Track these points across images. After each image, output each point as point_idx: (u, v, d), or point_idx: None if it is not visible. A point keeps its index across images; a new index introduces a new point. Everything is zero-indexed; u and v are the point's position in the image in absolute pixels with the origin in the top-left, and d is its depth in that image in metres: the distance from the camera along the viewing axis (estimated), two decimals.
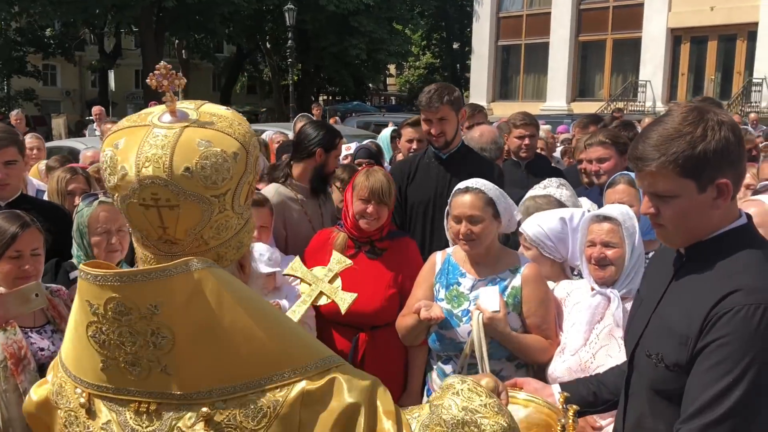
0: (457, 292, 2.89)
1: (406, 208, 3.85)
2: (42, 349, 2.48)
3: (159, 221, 1.25)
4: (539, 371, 2.84)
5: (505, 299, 2.79)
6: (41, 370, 2.38)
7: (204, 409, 1.23)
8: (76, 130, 25.80)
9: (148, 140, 1.24)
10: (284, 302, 3.13)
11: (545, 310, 2.82)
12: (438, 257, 3.05)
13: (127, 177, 1.22)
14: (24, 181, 3.93)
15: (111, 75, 32.33)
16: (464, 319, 2.83)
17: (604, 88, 23.71)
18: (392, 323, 3.15)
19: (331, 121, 14.82)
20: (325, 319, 3.28)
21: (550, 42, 24.10)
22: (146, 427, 1.26)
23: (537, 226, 3.05)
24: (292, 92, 24.02)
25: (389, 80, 51.46)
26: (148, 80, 1.33)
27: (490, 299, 2.77)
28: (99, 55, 35.59)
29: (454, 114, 3.77)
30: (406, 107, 38.26)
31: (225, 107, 1.38)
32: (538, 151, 5.06)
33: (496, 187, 2.91)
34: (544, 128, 7.40)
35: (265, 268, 3.08)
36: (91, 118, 29.25)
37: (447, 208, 2.97)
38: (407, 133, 4.88)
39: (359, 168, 4.84)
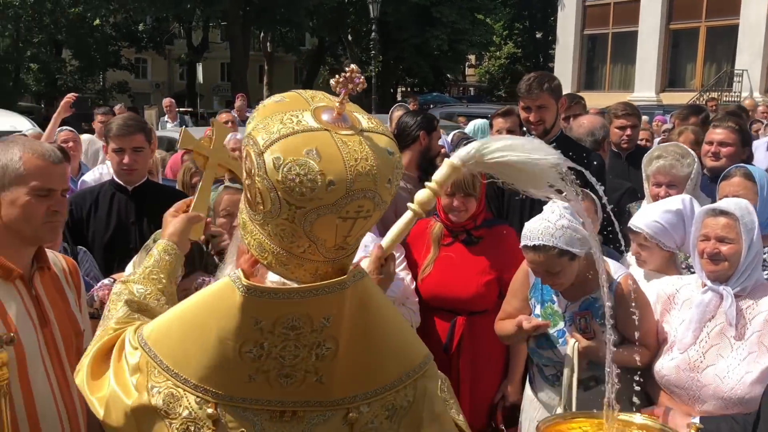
0: (551, 311, 2.87)
1: (503, 197, 3.87)
2: None
3: (347, 231, 1.23)
4: (645, 368, 2.83)
5: (597, 319, 2.72)
6: None
7: (352, 414, 1.27)
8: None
9: (348, 151, 1.20)
10: None
11: (642, 322, 2.71)
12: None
13: (335, 189, 1.17)
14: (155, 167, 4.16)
15: (198, 68, 33.42)
16: (560, 340, 2.81)
17: (696, 77, 22.77)
18: (490, 310, 3.21)
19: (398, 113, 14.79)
20: (427, 304, 3.37)
21: (639, 30, 23.31)
22: None
23: (654, 222, 2.96)
24: (374, 84, 24.19)
25: (468, 71, 51.00)
26: (332, 82, 1.28)
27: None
28: (187, 49, 36.84)
29: (554, 102, 3.76)
30: (487, 98, 37.90)
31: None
32: (642, 142, 4.96)
33: (566, 224, 2.63)
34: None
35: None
36: (180, 110, 30.18)
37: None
38: (497, 123, 4.89)
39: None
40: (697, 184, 3.49)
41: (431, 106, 18.46)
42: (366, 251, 3.27)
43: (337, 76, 1.29)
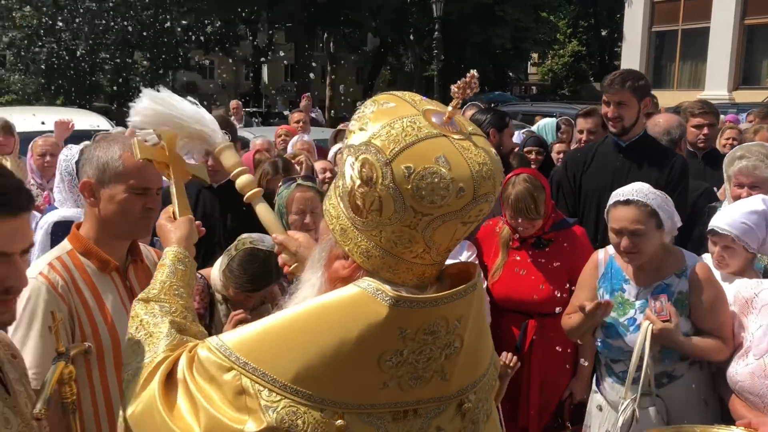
0: (622, 299, 2.83)
1: (580, 195, 3.84)
2: None
3: (463, 235, 1.29)
4: (719, 373, 2.77)
5: (671, 304, 2.70)
6: None
7: (466, 405, 1.33)
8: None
9: (469, 156, 1.22)
10: None
11: (718, 312, 2.70)
12: (600, 257, 2.99)
13: (464, 196, 1.20)
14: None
15: (263, 69, 34.03)
16: (630, 328, 2.77)
17: None
18: (561, 311, 3.19)
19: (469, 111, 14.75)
20: (498, 306, 3.39)
21: (711, 26, 22.54)
22: (407, 431, 1.29)
23: (740, 223, 2.88)
24: (436, 83, 24.15)
25: (530, 69, 50.29)
26: (454, 88, 1.30)
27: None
28: (252, 50, 37.57)
29: (636, 101, 3.67)
30: (550, 96, 37.30)
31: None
32: (728, 141, 4.80)
33: (658, 193, 2.76)
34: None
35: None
36: (246, 110, 30.75)
37: (605, 214, 2.88)
38: (579, 123, 4.87)
39: (529, 156, 4.88)
40: None
41: (493, 105, 18.30)
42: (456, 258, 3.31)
43: (458, 81, 1.29)
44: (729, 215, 2.93)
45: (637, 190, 2.74)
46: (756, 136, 4.13)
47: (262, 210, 1.87)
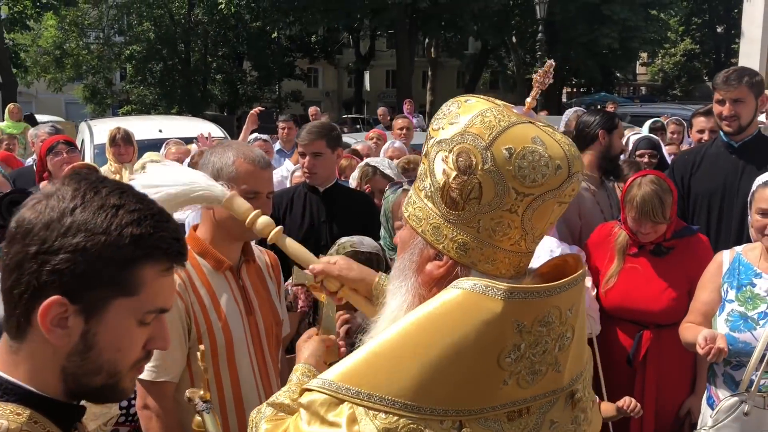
0: (751, 294, 2.70)
1: (689, 199, 3.67)
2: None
3: (556, 217, 1.31)
4: None
5: None
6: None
7: (577, 395, 1.32)
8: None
9: (557, 138, 1.27)
10: None
11: None
12: (725, 257, 2.86)
13: (561, 173, 1.24)
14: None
15: (366, 75, 34.62)
16: (761, 322, 2.63)
17: None
18: (680, 322, 3.04)
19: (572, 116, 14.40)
20: (609, 314, 3.27)
21: None
22: (522, 429, 1.26)
23: None
24: None
25: (639, 69, 48.42)
26: (535, 76, 1.33)
27: None
28: (355, 58, 38.27)
29: (753, 98, 3.49)
30: (660, 97, 35.79)
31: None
32: None
33: None
34: None
35: None
36: (348, 116, 31.35)
37: (749, 198, 2.78)
38: (698, 122, 4.66)
39: (642, 160, 4.70)
40: None
41: (598, 106, 17.77)
42: (551, 255, 3.22)
43: (539, 71, 1.33)
44: None
45: None
46: None
47: (290, 245, 1.91)
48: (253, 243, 2.51)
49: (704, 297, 2.86)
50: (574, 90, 41.73)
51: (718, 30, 39.36)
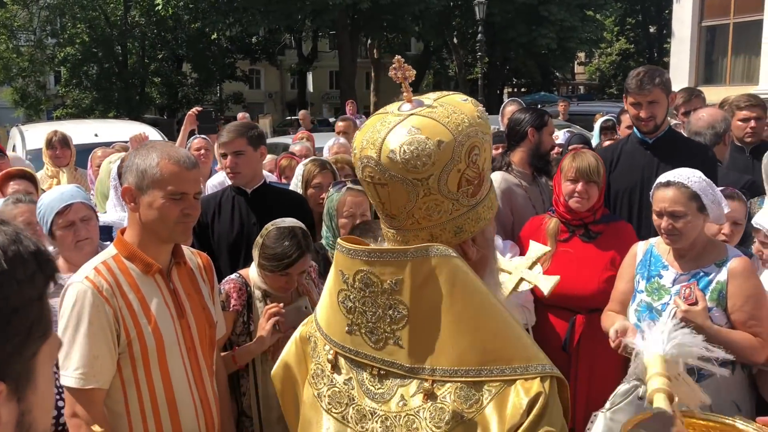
0: (657, 285, 2.81)
1: (610, 195, 3.80)
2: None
3: (377, 197, 1.39)
4: (761, 375, 2.69)
5: (708, 294, 2.67)
6: None
7: (426, 384, 1.31)
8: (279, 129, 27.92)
9: (376, 125, 1.37)
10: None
11: (754, 306, 2.64)
12: (640, 248, 2.99)
13: (355, 156, 1.39)
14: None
15: (309, 77, 34.44)
16: (665, 313, 2.71)
17: None
18: None
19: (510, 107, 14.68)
20: (543, 302, 3.35)
21: (765, 19, 21.87)
22: (378, 389, 1.38)
23: None
24: (480, 86, 24.07)
25: (577, 68, 49.58)
26: (391, 72, 1.46)
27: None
28: (297, 59, 38.07)
29: (665, 97, 3.65)
30: (597, 95, 36.72)
31: (464, 98, 1.43)
32: None
33: (703, 178, 2.74)
34: None
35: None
36: (293, 117, 31.02)
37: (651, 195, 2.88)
38: (626, 119, 4.82)
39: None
40: None
41: (539, 105, 18.15)
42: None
43: (391, 66, 1.47)
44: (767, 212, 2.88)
45: (679, 173, 2.76)
46: None
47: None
48: (184, 245, 2.48)
49: (621, 286, 2.96)
50: (515, 90, 42.47)
51: (651, 30, 40.63)
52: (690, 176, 2.72)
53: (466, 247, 1.39)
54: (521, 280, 2.83)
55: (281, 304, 2.76)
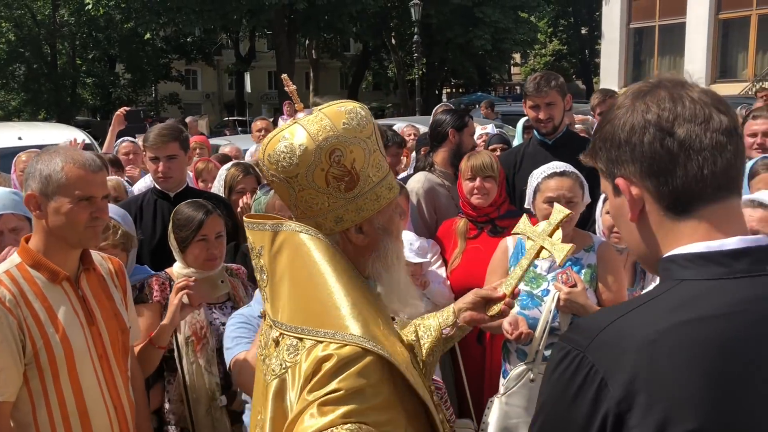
0: (534, 274, 2.96)
1: (515, 196, 3.94)
2: (223, 324, 2.79)
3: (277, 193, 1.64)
4: None
5: (582, 276, 2.87)
6: (221, 347, 2.68)
7: (275, 334, 1.55)
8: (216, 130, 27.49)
9: (275, 132, 1.57)
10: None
11: (618, 284, 2.91)
12: (509, 242, 3.13)
13: (306, 150, 1.52)
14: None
15: (246, 77, 33.96)
16: (545, 298, 2.89)
17: (749, 67, 22.10)
18: None
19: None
20: (455, 297, 3.43)
21: (687, 21, 22.75)
22: (265, 336, 1.62)
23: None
24: (418, 86, 24.26)
25: (514, 69, 50.53)
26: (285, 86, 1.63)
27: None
28: (235, 59, 37.58)
29: (561, 99, 3.89)
30: None
31: (343, 107, 1.58)
32: None
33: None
34: None
35: (414, 258, 3.24)
36: (230, 119, 30.45)
37: (532, 190, 3.04)
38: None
39: (495, 154, 4.94)
40: None
41: (476, 106, 18.41)
42: (418, 253, 3.32)
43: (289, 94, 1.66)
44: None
45: (565, 165, 3.03)
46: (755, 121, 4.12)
47: None
48: (94, 251, 2.45)
49: (494, 280, 3.02)
50: (454, 90, 42.96)
51: (583, 31, 41.68)
52: (573, 167, 2.99)
53: (350, 234, 1.57)
54: (541, 248, 2.88)
55: (192, 278, 2.74)
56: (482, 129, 5.84)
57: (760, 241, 1.09)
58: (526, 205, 3.22)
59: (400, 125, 7.83)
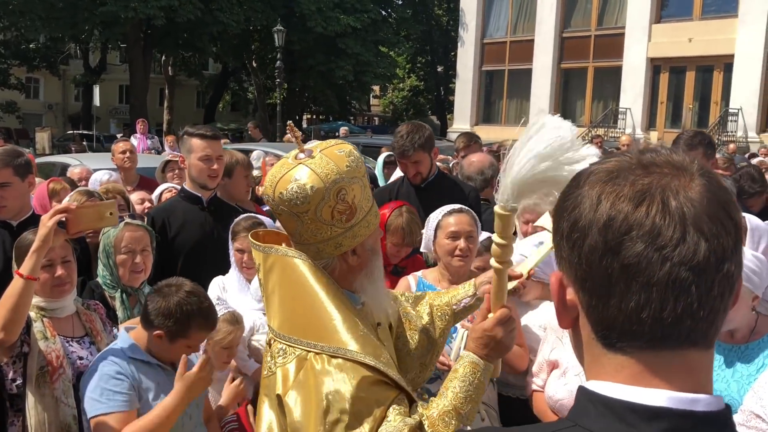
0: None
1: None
2: (81, 358, 2.62)
3: (280, 222, 1.90)
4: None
5: None
6: (79, 379, 2.51)
7: (268, 337, 1.85)
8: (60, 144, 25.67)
9: (277, 169, 1.81)
10: None
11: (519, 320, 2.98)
12: (411, 281, 3.19)
13: (317, 190, 1.74)
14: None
15: (95, 89, 32.06)
16: (454, 335, 2.88)
17: (585, 114, 24.13)
18: None
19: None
20: None
21: (533, 68, 24.51)
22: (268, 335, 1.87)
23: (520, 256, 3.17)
24: (279, 111, 24.17)
25: (373, 101, 51.78)
26: (285, 138, 1.54)
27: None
28: (83, 70, 35.50)
29: (428, 155, 4.02)
30: (391, 128, 38.51)
31: (341, 149, 1.82)
32: None
33: None
34: None
35: None
36: (75, 132, 28.50)
37: (432, 230, 3.13)
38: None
39: None
40: None
41: (336, 134, 18.61)
42: None
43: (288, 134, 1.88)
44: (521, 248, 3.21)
45: (458, 205, 3.17)
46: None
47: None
48: None
49: None
50: (314, 117, 43.22)
51: (439, 70, 43.56)
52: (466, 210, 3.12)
53: (346, 257, 1.83)
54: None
55: (74, 204, 2.51)
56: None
57: (692, 404, 0.81)
58: (423, 248, 3.30)
59: (259, 153, 7.66)
